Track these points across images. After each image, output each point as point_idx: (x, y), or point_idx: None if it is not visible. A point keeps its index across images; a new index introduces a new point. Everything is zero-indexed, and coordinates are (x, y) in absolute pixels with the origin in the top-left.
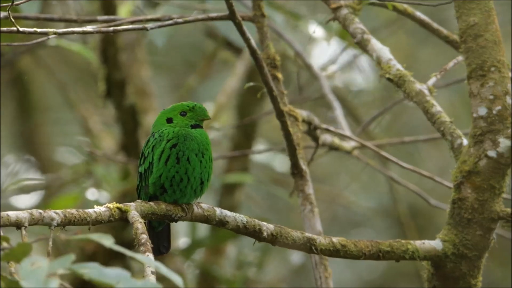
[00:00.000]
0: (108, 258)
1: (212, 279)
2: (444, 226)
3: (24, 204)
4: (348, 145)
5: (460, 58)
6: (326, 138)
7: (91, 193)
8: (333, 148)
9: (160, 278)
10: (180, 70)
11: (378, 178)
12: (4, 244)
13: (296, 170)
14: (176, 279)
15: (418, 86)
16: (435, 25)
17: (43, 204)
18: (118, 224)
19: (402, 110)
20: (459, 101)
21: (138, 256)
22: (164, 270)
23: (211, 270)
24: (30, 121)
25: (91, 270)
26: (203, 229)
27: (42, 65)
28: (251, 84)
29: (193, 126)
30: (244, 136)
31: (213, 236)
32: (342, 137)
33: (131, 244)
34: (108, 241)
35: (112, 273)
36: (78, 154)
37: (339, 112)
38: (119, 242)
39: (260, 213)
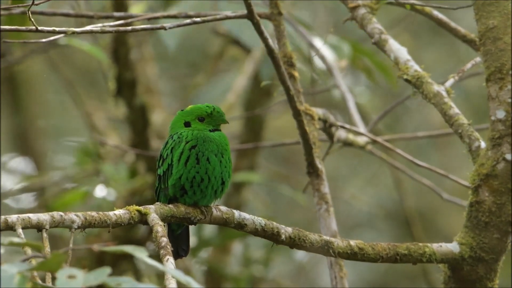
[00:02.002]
0: (116, 258)
1: (219, 277)
2: (461, 229)
3: (28, 203)
4: (361, 140)
5: (478, 59)
6: (340, 133)
7: (99, 190)
8: (347, 143)
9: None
10: (187, 68)
11: (384, 180)
12: (37, 253)
13: (312, 169)
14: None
15: (436, 87)
16: (452, 24)
17: (49, 203)
18: None
19: (403, 112)
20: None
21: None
22: (195, 285)
23: (218, 268)
24: (29, 120)
25: (125, 284)
26: (209, 228)
27: (46, 63)
28: (268, 82)
29: (211, 131)
30: (252, 133)
31: (220, 235)
32: (357, 133)
33: (139, 243)
34: (142, 254)
35: None
36: (84, 152)
37: (352, 104)
38: (126, 240)
39: (267, 212)
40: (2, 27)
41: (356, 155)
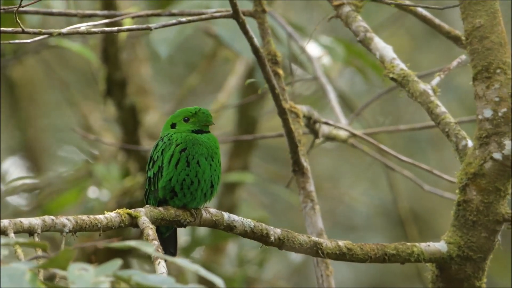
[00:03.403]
0: (109, 256)
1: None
2: (449, 228)
3: (22, 203)
4: (343, 133)
5: (464, 57)
6: (324, 128)
7: (92, 191)
8: (330, 138)
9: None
10: (183, 69)
11: (379, 180)
12: (41, 252)
13: (297, 167)
14: (218, 281)
15: (422, 86)
16: (437, 21)
17: (44, 203)
18: None
19: (402, 114)
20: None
21: (179, 260)
22: (203, 272)
23: (211, 268)
24: (26, 120)
25: (136, 276)
26: (203, 227)
27: (41, 64)
28: (252, 80)
29: (196, 132)
30: (245, 133)
31: (213, 235)
32: (340, 128)
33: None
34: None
35: (157, 279)
36: (78, 152)
37: (332, 96)
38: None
39: (263, 213)
40: None
41: (357, 155)
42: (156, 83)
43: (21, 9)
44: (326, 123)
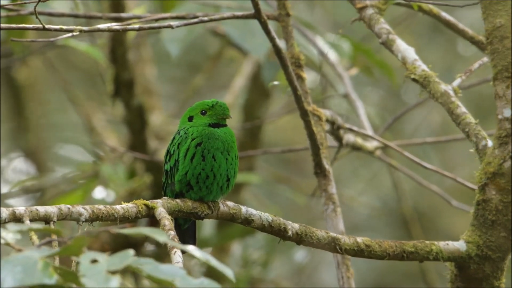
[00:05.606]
0: (114, 250)
1: (217, 278)
2: (468, 227)
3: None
4: (370, 145)
5: (485, 59)
6: (349, 137)
7: (98, 192)
8: (355, 148)
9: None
10: (187, 69)
11: (383, 181)
12: (56, 237)
13: (319, 169)
14: (227, 272)
15: (443, 87)
16: (460, 25)
17: (48, 204)
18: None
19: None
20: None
21: (187, 247)
22: (214, 262)
23: (216, 269)
24: (30, 119)
25: (147, 266)
26: (208, 228)
27: (46, 64)
28: (276, 83)
29: (213, 125)
30: (250, 136)
31: (219, 235)
32: (365, 137)
33: (137, 243)
34: (163, 237)
35: (169, 271)
36: (83, 152)
37: (361, 111)
38: (124, 240)
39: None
40: (8, 25)
41: (358, 156)
42: (161, 84)
43: (45, 10)
44: (350, 129)
